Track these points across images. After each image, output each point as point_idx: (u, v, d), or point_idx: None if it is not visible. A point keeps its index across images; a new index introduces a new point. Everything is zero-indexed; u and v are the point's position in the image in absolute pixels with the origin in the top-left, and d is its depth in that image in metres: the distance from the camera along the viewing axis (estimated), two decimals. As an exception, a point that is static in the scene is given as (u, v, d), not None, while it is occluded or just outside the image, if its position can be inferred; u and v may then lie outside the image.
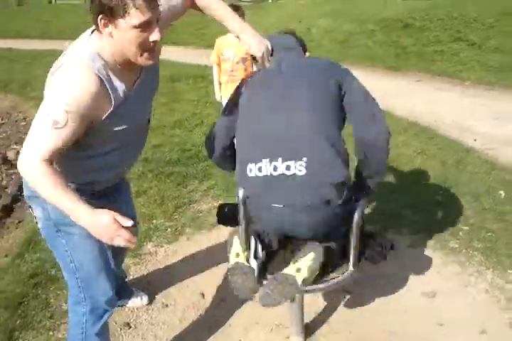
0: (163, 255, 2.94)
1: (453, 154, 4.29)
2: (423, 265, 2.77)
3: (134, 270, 2.79)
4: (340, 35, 10.61)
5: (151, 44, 1.47)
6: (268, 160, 1.73)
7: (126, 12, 1.39)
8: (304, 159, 1.70)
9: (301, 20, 12.84)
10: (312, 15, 13.33)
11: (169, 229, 3.20)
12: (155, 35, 1.45)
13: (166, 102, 6.29)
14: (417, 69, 7.91)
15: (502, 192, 3.52)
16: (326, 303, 2.49)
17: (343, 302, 2.50)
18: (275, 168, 1.72)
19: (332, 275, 1.93)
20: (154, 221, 3.30)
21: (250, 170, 1.76)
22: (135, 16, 1.39)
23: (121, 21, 1.40)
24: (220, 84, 4.15)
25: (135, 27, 1.41)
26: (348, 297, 2.53)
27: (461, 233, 3.05)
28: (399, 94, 6.51)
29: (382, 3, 14.72)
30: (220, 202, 3.44)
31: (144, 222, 3.27)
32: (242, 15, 3.96)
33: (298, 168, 1.70)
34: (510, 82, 6.85)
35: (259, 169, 1.74)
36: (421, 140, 4.69)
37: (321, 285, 1.90)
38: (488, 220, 3.17)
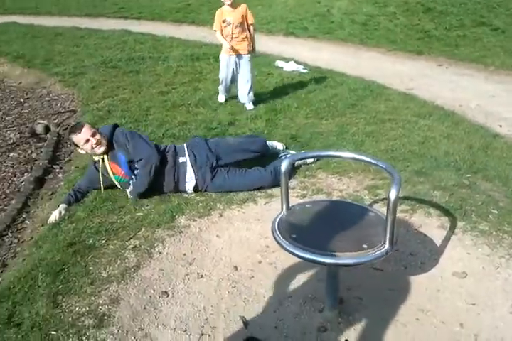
0: (196, 228, 2.99)
1: (480, 139, 4.28)
2: (453, 246, 2.80)
3: (169, 241, 2.84)
4: (361, 17, 10.47)
5: None
6: None
7: None
8: None
9: (319, 1, 12.67)
10: (332, -3, 13.13)
11: (200, 204, 3.24)
12: None
13: (189, 81, 6.30)
14: (439, 54, 7.82)
15: (530, 177, 3.52)
16: (358, 280, 2.52)
17: (375, 280, 2.53)
18: None
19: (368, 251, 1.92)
20: (185, 195, 3.34)
21: None
22: None
23: None
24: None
25: None
26: (379, 275, 2.57)
27: (490, 216, 3.06)
28: (422, 78, 6.46)
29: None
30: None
31: (175, 195, 3.32)
32: None
33: None
34: (535, 68, 6.78)
35: None
36: (447, 124, 4.68)
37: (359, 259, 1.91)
38: (518, 204, 3.18)
